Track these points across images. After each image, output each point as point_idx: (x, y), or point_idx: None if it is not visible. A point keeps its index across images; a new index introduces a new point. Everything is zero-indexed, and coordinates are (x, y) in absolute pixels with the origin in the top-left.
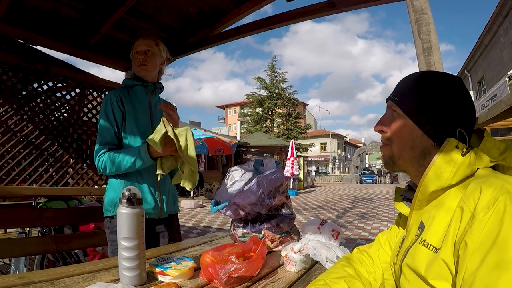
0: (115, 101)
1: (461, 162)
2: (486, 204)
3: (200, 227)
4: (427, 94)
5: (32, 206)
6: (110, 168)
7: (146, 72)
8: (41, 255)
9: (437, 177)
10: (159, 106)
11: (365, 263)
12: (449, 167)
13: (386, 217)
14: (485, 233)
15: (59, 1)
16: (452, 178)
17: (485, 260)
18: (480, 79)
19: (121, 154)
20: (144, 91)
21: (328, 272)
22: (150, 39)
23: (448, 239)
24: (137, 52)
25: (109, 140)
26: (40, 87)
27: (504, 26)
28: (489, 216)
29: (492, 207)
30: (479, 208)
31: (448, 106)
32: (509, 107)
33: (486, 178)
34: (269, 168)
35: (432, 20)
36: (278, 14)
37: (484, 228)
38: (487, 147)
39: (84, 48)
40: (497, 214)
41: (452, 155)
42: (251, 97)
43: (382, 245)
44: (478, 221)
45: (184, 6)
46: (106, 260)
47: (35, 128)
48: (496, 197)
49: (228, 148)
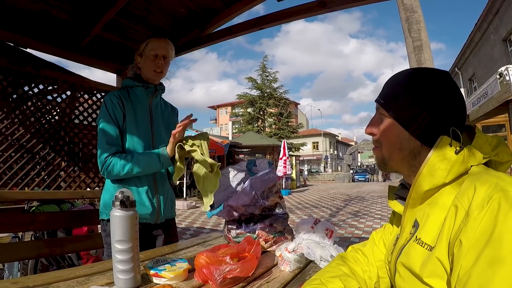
0: (116, 102)
1: (455, 160)
2: (480, 202)
3: (194, 228)
4: (410, 94)
5: (24, 210)
6: (119, 171)
7: (159, 79)
8: (34, 259)
9: (431, 175)
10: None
11: (360, 262)
12: (443, 165)
13: (379, 215)
14: (479, 231)
15: (48, 2)
16: (446, 177)
17: (480, 257)
18: (471, 76)
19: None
20: (145, 93)
21: (323, 271)
22: (169, 43)
23: (443, 237)
24: (156, 55)
25: (115, 141)
26: (30, 90)
27: (494, 23)
28: (484, 214)
29: (487, 205)
30: (474, 206)
31: (434, 104)
32: (500, 104)
33: (480, 175)
34: (262, 168)
35: (423, 18)
36: (269, 14)
37: (479, 226)
38: (479, 143)
39: (74, 50)
40: (491, 212)
41: (445, 153)
42: (243, 97)
43: (377, 243)
44: (472, 219)
45: (174, 7)
46: (100, 263)
47: (26, 132)
48: (491, 195)
49: (220, 149)
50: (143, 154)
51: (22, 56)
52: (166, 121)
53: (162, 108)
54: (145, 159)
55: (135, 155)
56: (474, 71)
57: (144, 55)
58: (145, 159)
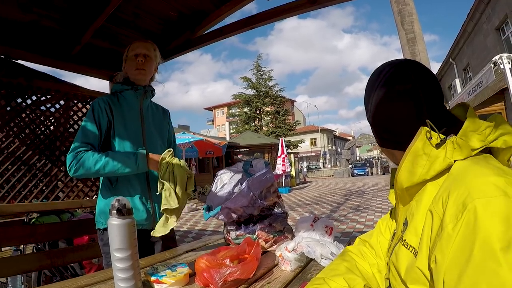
0: (103, 107)
1: (435, 155)
2: (454, 213)
3: (196, 231)
4: (375, 116)
5: (24, 223)
6: (87, 169)
7: (142, 77)
8: (37, 271)
9: (409, 172)
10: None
11: (367, 256)
12: (422, 161)
13: (380, 208)
14: (454, 250)
15: (37, 13)
16: (426, 173)
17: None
18: (465, 66)
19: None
20: (135, 95)
21: (328, 269)
22: (148, 42)
23: (423, 245)
24: (136, 54)
25: (91, 140)
26: (24, 101)
27: (487, 13)
28: (458, 229)
29: (461, 218)
30: (447, 218)
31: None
32: (495, 92)
33: (459, 175)
34: (259, 168)
35: (415, 10)
36: (259, 13)
37: (453, 244)
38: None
39: (66, 59)
40: (466, 227)
41: (424, 148)
42: (238, 97)
43: (383, 232)
44: (446, 235)
45: (163, 10)
46: (102, 272)
47: (21, 144)
48: (465, 204)
49: (218, 150)
50: (119, 153)
51: (13, 68)
52: (157, 123)
53: (153, 111)
54: (120, 157)
55: (110, 153)
56: (469, 61)
57: (127, 59)
58: (120, 157)
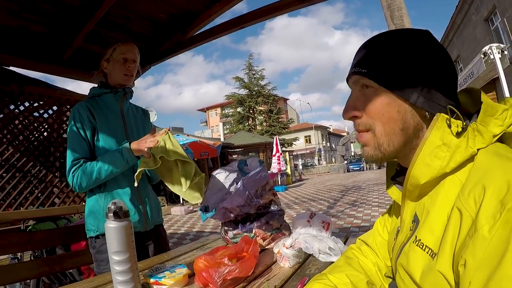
0: (85, 115)
1: (456, 145)
2: (491, 213)
3: (193, 233)
4: (404, 55)
5: (21, 230)
6: (88, 181)
7: (130, 82)
8: (35, 279)
9: (427, 166)
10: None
11: (368, 254)
12: (441, 152)
13: (377, 202)
14: (489, 252)
15: (27, 18)
16: (446, 166)
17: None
18: (455, 58)
19: (99, 161)
20: (114, 98)
21: (332, 265)
22: (135, 47)
23: (446, 246)
24: (125, 59)
25: (83, 154)
26: (16, 108)
27: (475, 4)
28: (495, 231)
29: (499, 217)
30: (483, 218)
31: (430, 62)
32: (486, 82)
33: (490, 167)
34: (253, 167)
35: (404, 4)
36: (249, 12)
37: (488, 246)
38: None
39: (57, 64)
40: (504, 228)
41: (444, 137)
42: (231, 97)
43: (380, 232)
44: (481, 237)
45: (153, 13)
46: (100, 277)
47: (15, 151)
48: (504, 203)
49: (213, 151)
50: (107, 155)
51: (5, 75)
52: (140, 124)
53: (134, 112)
54: (109, 159)
55: (99, 159)
56: (459, 53)
57: (112, 60)
58: (109, 159)
